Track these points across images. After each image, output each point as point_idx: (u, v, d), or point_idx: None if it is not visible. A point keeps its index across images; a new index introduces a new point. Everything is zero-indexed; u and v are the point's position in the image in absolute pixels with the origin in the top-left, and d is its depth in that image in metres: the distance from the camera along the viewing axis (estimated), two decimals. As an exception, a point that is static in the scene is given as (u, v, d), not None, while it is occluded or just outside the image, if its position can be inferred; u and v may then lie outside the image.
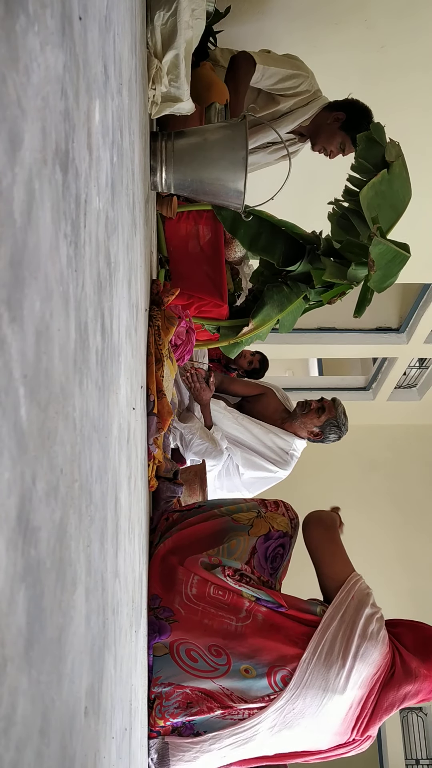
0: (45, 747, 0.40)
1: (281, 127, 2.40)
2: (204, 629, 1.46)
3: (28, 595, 0.36)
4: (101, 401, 0.66)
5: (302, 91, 2.37)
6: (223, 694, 1.44)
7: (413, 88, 3.03)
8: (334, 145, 2.41)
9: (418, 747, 6.52)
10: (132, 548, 1.07)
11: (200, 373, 2.44)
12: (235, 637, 1.46)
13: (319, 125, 2.42)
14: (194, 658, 1.45)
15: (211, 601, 1.49)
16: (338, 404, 2.65)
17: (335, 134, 2.38)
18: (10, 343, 0.33)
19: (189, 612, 1.48)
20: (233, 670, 1.43)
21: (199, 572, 1.53)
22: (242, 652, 1.44)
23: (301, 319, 2.46)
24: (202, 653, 1.44)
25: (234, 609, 1.49)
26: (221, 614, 1.47)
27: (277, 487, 2.81)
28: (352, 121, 2.34)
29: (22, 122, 0.35)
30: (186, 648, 1.45)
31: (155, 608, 1.49)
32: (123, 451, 0.91)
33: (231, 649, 1.44)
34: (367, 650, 1.45)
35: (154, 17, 1.55)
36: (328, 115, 2.40)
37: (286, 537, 1.64)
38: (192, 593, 1.50)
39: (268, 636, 1.47)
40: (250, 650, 1.45)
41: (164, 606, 1.49)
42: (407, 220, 2.11)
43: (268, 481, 2.78)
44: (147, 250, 1.60)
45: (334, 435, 2.65)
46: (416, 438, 6.92)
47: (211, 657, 1.44)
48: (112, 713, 0.75)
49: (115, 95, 0.79)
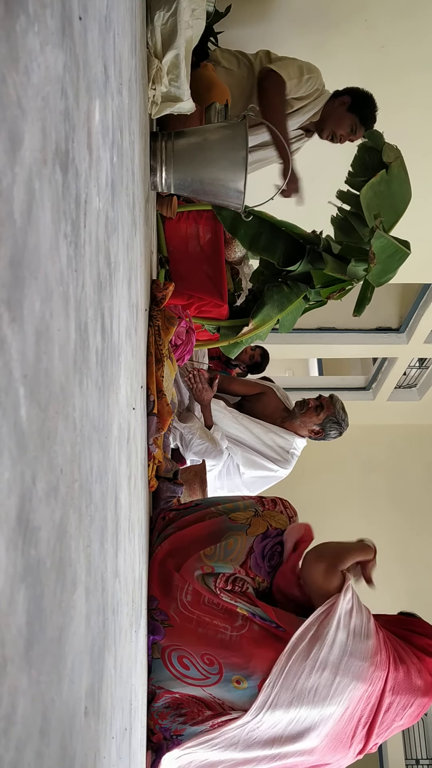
0: (45, 747, 0.40)
1: (291, 122, 2.42)
2: (198, 638, 1.44)
3: (28, 595, 0.36)
4: (101, 401, 0.66)
5: (314, 90, 2.39)
6: (214, 702, 1.43)
7: (414, 89, 3.03)
8: (344, 128, 2.42)
9: (419, 747, 6.53)
10: (132, 548, 1.07)
11: (202, 373, 2.44)
12: (229, 647, 1.43)
13: (326, 113, 2.44)
14: (186, 666, 1.43)
15: (206, 609, 1.48)
16: (336, 400, 2.65)
17: (344, 116, 2.40)
18: (10, 343, 0.32)
19: (183, 620, 1.46)
20: (224, 679, 1.42)
21: (194, 584, 1.52)
22: (235, 663, 1.42)
23: (301, 319, 2.46)
24: (194, 661, 1.43)
25: (229, 617, 1.47)
26: (216, 623, 1.46)
27: (277, 487, 2.81)
28: (358, 103, 2.37)
29: (22, 122, 0.35)
30: (179, 655, 1.44)
31: (152, 609, 1.49)
32: (123, 451, 0.91)
33: (224, 659, 1.42)
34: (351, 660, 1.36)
35: (154, 17, 1.55)
36: (333, 102, 2.43)
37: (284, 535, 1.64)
38: (187, 600, 1.49)
39: (263, 644, 1.44)
40: (244, 660, 1.42)
41: (161, 609, 1.48)
42: (407, 220, 2.11)
43: (269, 480, 2.78)
44: (147, 250, 1.60)
45: (334, 431, 2.65)
46: (416, 438, 6.92)
47: (203, 665, 1.42)
48: (112, 713, 0.75)
49: (115, 95, 0.79)
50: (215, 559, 1.58)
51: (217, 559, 1.57)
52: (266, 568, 1.60)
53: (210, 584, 1.52)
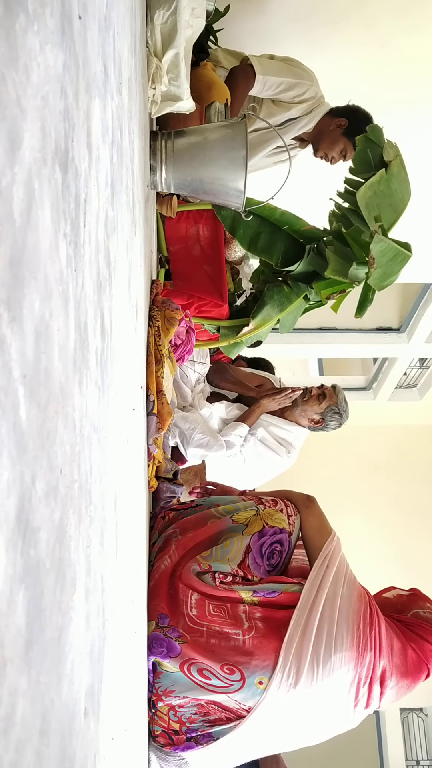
0: (45, 748, 0.40)
1: (286, 134, 2.42)
2: (212, 650, 1.46)
3: (28, 595, 0.36)
4: (101, 401, 0.66)
5: (307, 98, 2.39)
6: (241, 708, 1.44)
7: (414, 87, 3.03)
8: (335, 152, 2.43)
9: (419, 747, 6.52)
10: (132, 549, 1.07)
11: (295, 393, 2.61)
12: (245, 652, 1.45)
13: (321, 131, 2.45)
14: (207, 676, 1.45)
15: (213, 620, 1.49)
16: (339, 391, 2.65)
17: (337, 140, 2.41)
18: (10, 343, 0.32)
19: (194, 635, 1.47)
20: (248, 684, 1.44)
21: (194, 584, 1.53)
22: (255, 664, 1.45)
23: (301, 319, 2.46)
24: (214, 671, 1.45)
25: (236, 622, 1.49)
26: (226, 631, 1.47)
27: (277, 487, 2.80)
28: (355, 128, 2.35)
29: (21, 121, 0.34)
30: (198, 668, 1.45)
31: (164, 627, 1.49)
32: (123, 451, 0.91)
33: (244, 665, 1.45)
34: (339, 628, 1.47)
35: (154, 16, 1.55)
36: (330, 121, 2.42)
37: (283, 534, 1.63)
38: (193, 614, 1.50)
39: (275, 636, 1.47)
40: (261, 659, 1.45)
41: (172, 626, 1.49)
42: (407, 220, 2.11)
43: (271, 471, 2.77)
44: (147, 250, 1.60)
45: (335, 422, 2.64)
46: (417, 438, 6.90)
47: (224, 675, 1.44)
48: (112, 714, 0.75)
49: (114, 94, 0.79)
50: (212, 559, 1.58)
51: (214, 560, 1.58)
52: (265, 566, 1.60)
53: (208, 581, 1.53)
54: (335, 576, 1.55)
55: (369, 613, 1.51)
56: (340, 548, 1.63)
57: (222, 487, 2.02)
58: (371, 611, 1.52)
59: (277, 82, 2.32)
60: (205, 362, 2.59)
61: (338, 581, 1.54)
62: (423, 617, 1.61)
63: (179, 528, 1.70)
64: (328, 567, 1.56)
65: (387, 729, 6.36)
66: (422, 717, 6.61)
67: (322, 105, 2.43)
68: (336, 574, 1.55)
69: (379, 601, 1.63)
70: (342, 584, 1.54)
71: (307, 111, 2.41)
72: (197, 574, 1.55)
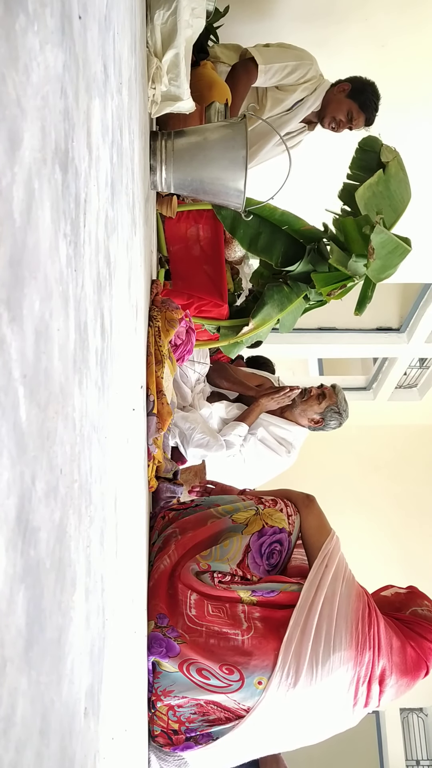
0: (45, 748, 0.40)
1: (295, 117, 2.45)
2: (211, 651, 1.46)
3: (28, 595, 0.36)
4: (101, 401, 0.66)
5: (310, 77, 2.41)
6: (240, 708, 1.44)
7: (414, 87, 3.03)
8: (342, 113, 2.45)
9: (419, 747, 6.52)
10: (132, 549, 1.07)
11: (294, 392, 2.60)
12: (244, 653, 1.46)
13: (326, 101, 2.48)
14: (206, 677, 1.45)
15: (212, 620, 1.49)
16: (339, 390, 2.65)
17: (342, 102, 2.44)
18: (10, 343, 0.32)
19: (193, 635, 1.47)
20: (246, 684, 1.44)
21: (193, 584, 1.53)
22: (254, 664, 1.45)
23: (301, 319, 2.46)
24: (213, 671, 1.45)
25: (235, 622, 1.49)
26: (225, 631, 1.47)
27: (277, 486, 2.80)
28: (358, 89, 2.40)
29: (21, 121, 0.34)
30: (197, 668, 1.45)
31: (163, 627, 1.49)
32: (123, 451, 0.91)
33: (243, 666, 1.45)
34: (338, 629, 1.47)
35: (154, 16, 1.55)
36: (333, 89, 2.46)
37: (283, 533, 1.63)
38: (192, 614, 1.50)
39: (274, 636, 1.47)
40: (260, 659, 1.45)
41: (171, 626, 1.49)
42: (408, 220, 2.11)
43: (271, 471, 2.77)
44: (147, 249, 1.60)
45: (334, 422, 2.64)
46: (417, 438, 6.90)
47: (223, 675, 1.44)
48: (112, 714, 0.75)
49: (114, 94, 0.79)
50: (211, 558, 1.58)
51: (213, 559, 1.58)
52: (265, 566, 1.60)
53: (207, 580, 1.53)
54: (334, 575, 1.55)
55: (368, 612, 1.51)
56: (339, 548, 1.63)
57: (221, 486, 2.02)
58: (370, 610, 1.52)
59: (281, 67, 2.35)
60: (205, 362, 2.59)
61: (337, 580, 1.54)
62: (421, 615, 1.61)
63: (179, 528, 1.70)
64: (327, 566, 1.56)
65: (387, 729, 6.36)
66: (422, 717, 6.61)
67: (324, 82, 2.48)
68: (335, 573, 1.55)
69: (377, 599, 1.63)
70: (341, 583, 1.54)
71: (312, 90, 2.45)
72: (196, 573, 1.55)
